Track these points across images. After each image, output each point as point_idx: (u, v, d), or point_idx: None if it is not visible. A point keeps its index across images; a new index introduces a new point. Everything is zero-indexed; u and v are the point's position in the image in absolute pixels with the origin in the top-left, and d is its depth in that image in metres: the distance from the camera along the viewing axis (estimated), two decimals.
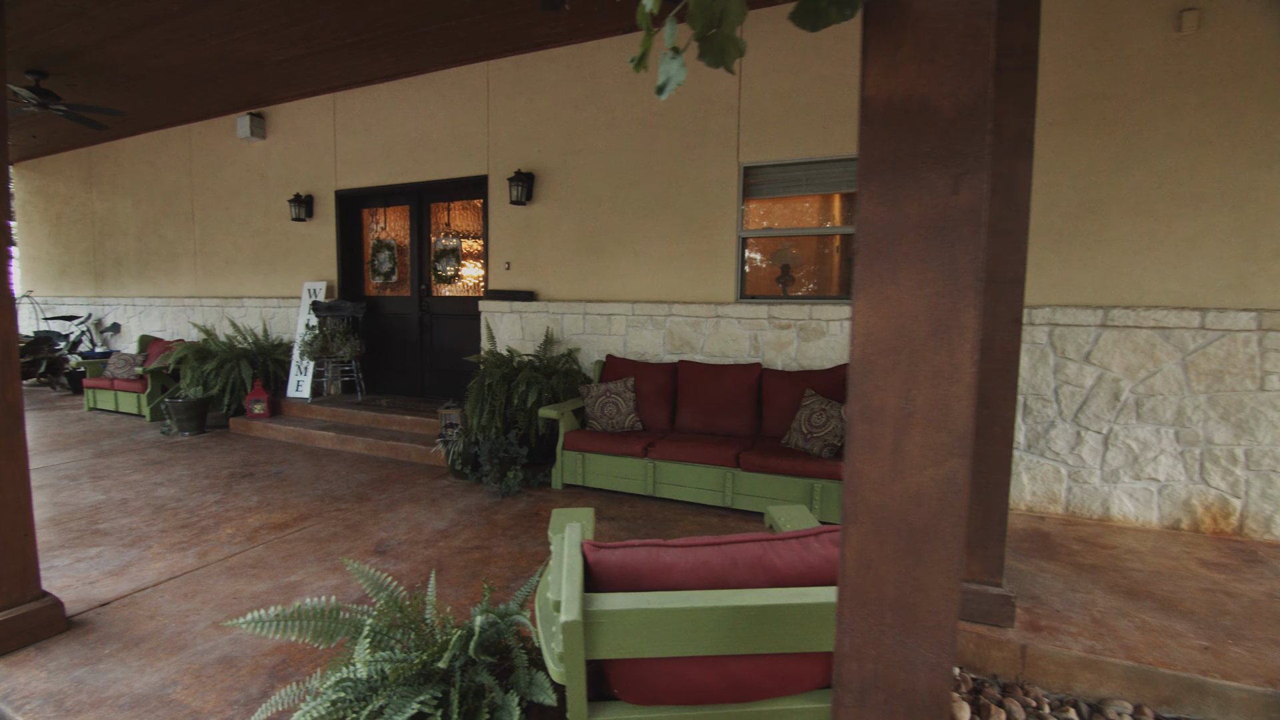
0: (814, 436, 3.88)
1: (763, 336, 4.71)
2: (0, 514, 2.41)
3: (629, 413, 4.60)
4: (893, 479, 0.88)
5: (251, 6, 4.65)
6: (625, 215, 5.23)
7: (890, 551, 0.89)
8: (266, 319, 7.60)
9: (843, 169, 4.54)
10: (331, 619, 1.63)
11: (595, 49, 5.27)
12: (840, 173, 4.56)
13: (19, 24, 4.81)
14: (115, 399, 7.44)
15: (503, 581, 3.02)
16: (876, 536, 0.89)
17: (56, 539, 3.56)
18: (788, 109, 4.61)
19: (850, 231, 4.68)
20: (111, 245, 9.35)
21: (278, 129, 7.28)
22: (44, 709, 2.09)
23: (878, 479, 0.88)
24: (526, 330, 5.72)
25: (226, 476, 4.85)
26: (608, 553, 1.28)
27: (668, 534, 3.65)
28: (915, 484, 0.87)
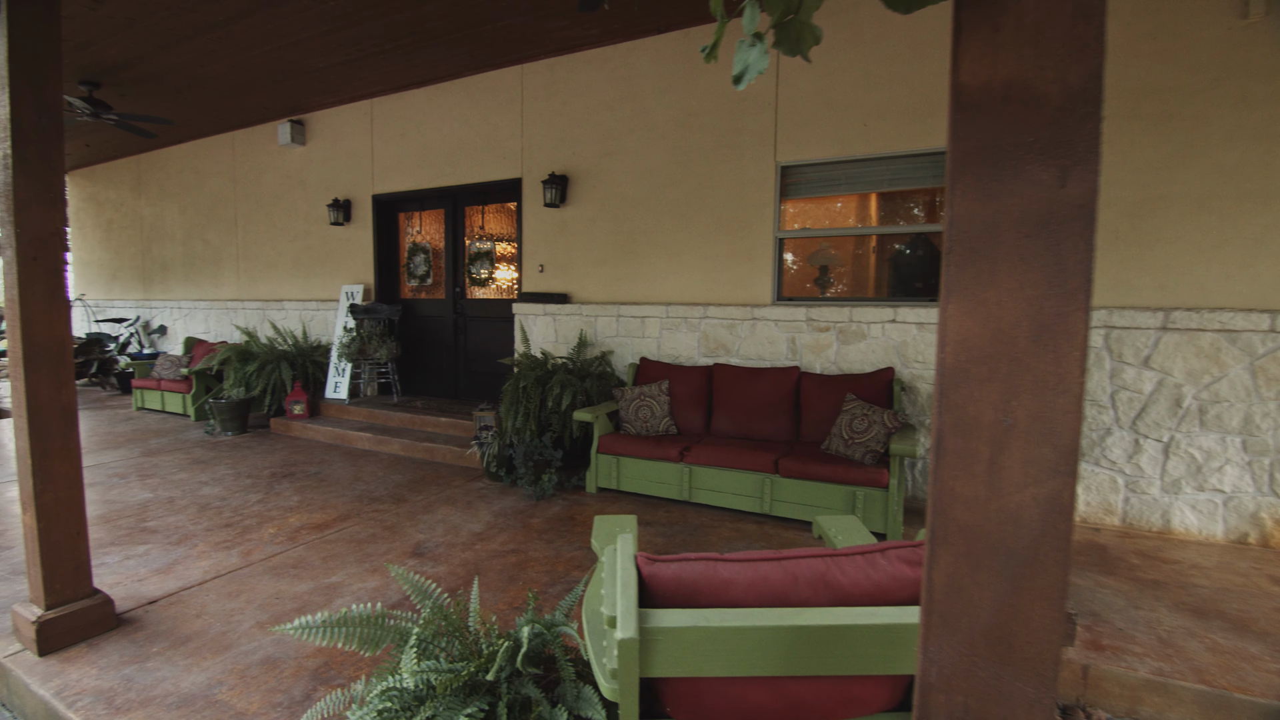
0: (855, 442, 3.78)
1: (801, 339, 4.61)
2: (55, 514, 2.46)
3: (663, 416, 4.55)
4: (989, 498, 0.81)
5: (292, 16, 4.73)
6: (660, 216, 5.19)
7: (985, 576, 0.82)
8: (306, 321, 7.75)
9: (883, 167, 4.42)
10: (377, 626, 1.61)
11: (630, 50, 5.23)
12: (880, 171, 4.44)
13: (74, 36, 4.98)
14: (162, 399, 7.67)
15: (540, 586, 3.00)
16: (969, 560, 0.82)
17: (107, 536, 3.65)
18: (826, 107, 4.51)
19: (891, 231, 4.56)
20: (159, 250, 9.65)
21: (317, 135, 7.42)
22: (95, 706, 2.12)
23: (971, 497, 0.82)
24: (560, 332, 5.71)
25: (268, 476, 4.93)
26: (662, 566, 1.23)
27: (705, 540, 3.58)
28: (1014, 504, 0.80)
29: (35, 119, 2.35)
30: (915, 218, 4.59)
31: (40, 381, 2.42)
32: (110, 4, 4.46)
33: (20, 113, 2.31)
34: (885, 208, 4.69)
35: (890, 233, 4.56)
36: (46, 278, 2.42)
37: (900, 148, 4.32)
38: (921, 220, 4.55)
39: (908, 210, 4.64)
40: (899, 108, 4.29)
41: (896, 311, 4.29)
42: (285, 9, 4.60)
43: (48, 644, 2.42)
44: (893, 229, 4.57)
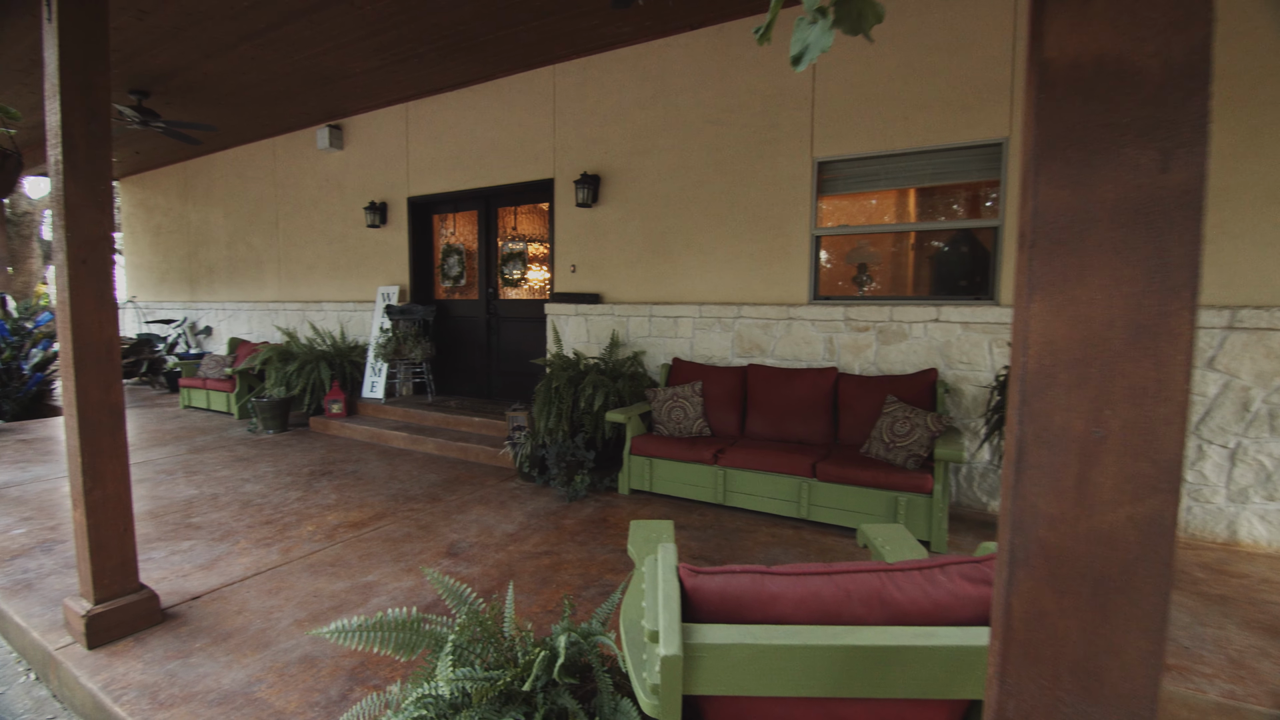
0: (897, 446, 3.65)
1: (838, 339, 4.49)
2: (103, 511, 2.52)
3: (697, 418, 4.48)
4: (1077, 516, 0.73)
5: (330, 22, 4.81)
6: (693, 215, 5.12)
7: (1071, 603, 0.74)
8: (344, 322, 7.90)
9: (924, 161, 4.28)
10: (413, 631, 1.59)
11: (664, 47, 5.18)
12: (922, 165, 4.29)
13: (123, 46, 5.15)
14: (207, 398, 7.90)
15: (574, 589, 2.96)
16: (1053, 584, 0.75)
17: (154, 531, 3.75)
18: (864, 100, 4.39)
19: (934, 228, 4.40)
20: (205, 253, 9.96)
21: (354, 140, 7.55)
22: (140, 701, 2.16)
23: (1057, 516, 0.74)
24: (592, 333, 5.69)
25: (307, 474, 5.02)
26: (706, 579, 1.17)
27: (740, 545, 3.51)
28: (1107, 524, 0.72)
29: (85, 125, 2.40)
30: (955, 213, 4.43)
31: (89, 382, 2.48)
32: (157, 14, 4.59)
33: (70, 120, 2.37)
34: (925, 203, 4.54)
35: (933, 229, 4.41)
36: (95, 280, 2.48)
37: (943, 141, 4.17)
38: (963, 215, 4.39)
39: (948, 206, 4.48)
40: (942, 99, 4.14)
41: (939, 310, 4.15)
42: (324, 15, 4.67)
43: (96, 637, 2.47)
44: (936, 225, 4.42)
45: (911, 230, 4.51)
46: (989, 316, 4.02)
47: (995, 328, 4.01)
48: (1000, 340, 4.00)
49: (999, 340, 4.01)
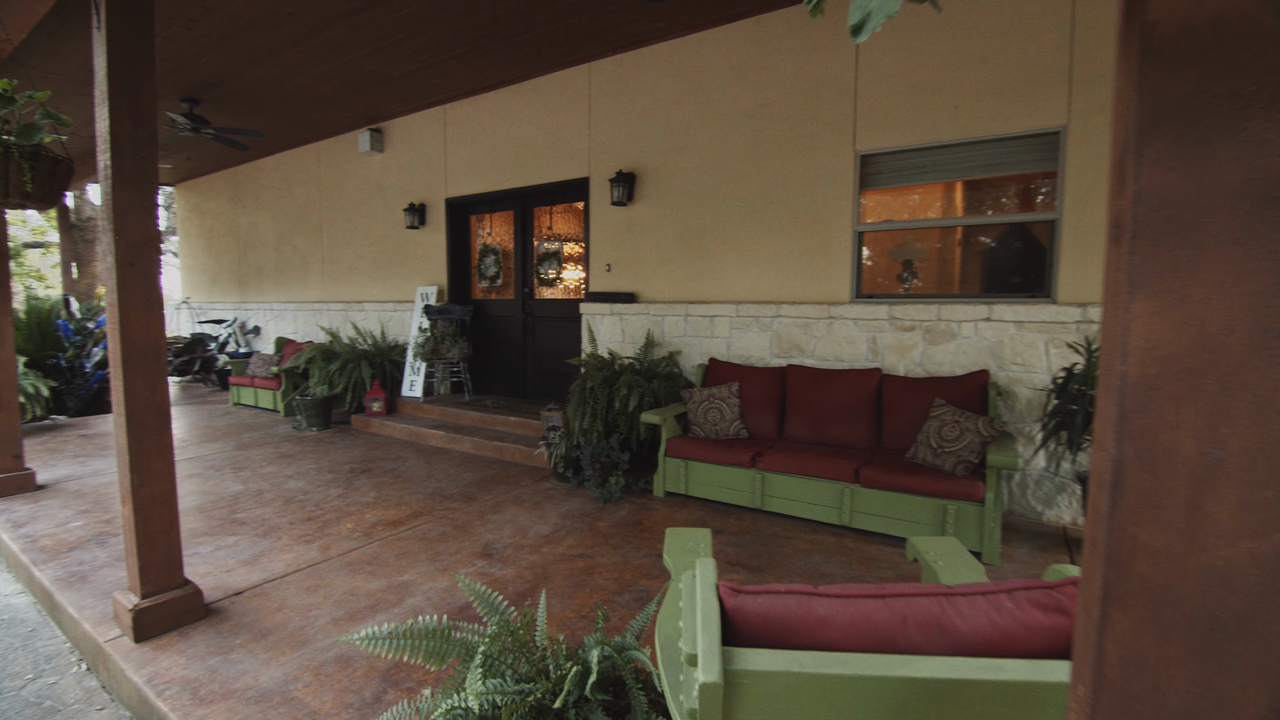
0: (945, 451, 3.48)
1: (882, 339, 4.32)
2: (149, 507, 2.58)
3: (734, 419, 4.38)
4: (1187, 551, 0.63)
5: (369, 26, 4.87)
6: (730, 212, 5.01)
7: (1178, 651, 0.64)
8: (384, 322, 8.04)
9: (975, 152, 4.08)
10: (443, 639, 1.55)
11: (699, 41, 5.08)
12: (972, 157, 4.09)
13: (175, 55, 5.33)
14: (255, 395, 8.15)
15: (607, 595, 2.91)
16: (1156, 628, 0.65)
17: (201, 526, 3.85)
18: (910, 89, 4.21)
19: (987, 222, 4.20)
20: (253, 255, 10.30)
21: (394, 142, 7.68)
22: (181, 697, 2.19)
23: (1162, 550, 0.64)
24: (627, 332, 5.64)
25: (348, 472, 5.11)
26: (749, 599, 1.09)
27: (779, 552, 3.40)
28: (1223, 560, 0.62)
29: (132, 130, 2.46)
30: (1006, 207, 4.21)
31: (136, 382, 2.54)
32: (205, 23, 4.73)
33: (119, 125, 2.42)
34: (973, 197, 4.33)
35: (985, 223, 4.20)
36: (142, 282, 2.54)
37: (995, 130, 3.97)
38: (1015, 209, 4.17)
39: (998, 199, 4.26)
40: (994, 87, 3.94)
41: (991, 309, 3.95)
42: (362, 19, 4.73)
43: (142, 631, 2.53)
44: (989, 219, 4.21)
45: (958, 225, 4.31)
46: (1045, 315, 3.81)
47: (1052, 327, 3.80)
48: (1057, 340, 3.79)
49: (1056, 340, 3.79)
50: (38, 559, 3.35)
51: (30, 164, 2.35)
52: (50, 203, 2.55)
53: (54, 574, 3.16)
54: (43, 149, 2.43)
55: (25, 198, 2.40)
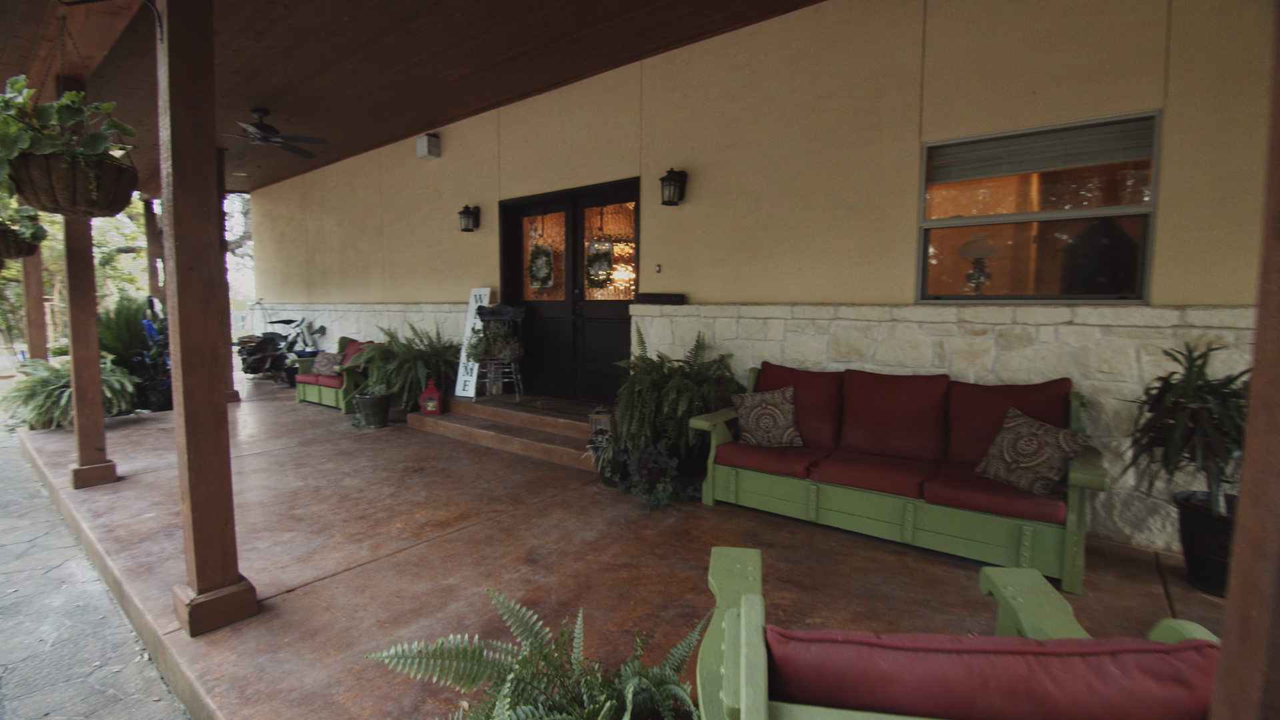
0: (1021, 467, 3.20)
1: (950, 344, 4.04)
2: (206, 505, 2.64)
3: (787, 427, 4.19)
4: None
5: (424, 32, 4.93)
6: (785, 210, 4.82)
7: None
8: (440, 323, 8.20)
9: (1055, 141, 3.76)
10: (474, 660, 1.48)
11: (754, 34, 4.91)
12: (1052, 146, 3.77)
13: (244, 67, 5.56)
14: (319, 393, 8.47)
15: (652, 609, 2.80)
16: None
17: (261, 521, 3.97)
18: (984, 75, 3.92)
19: (1072, 217, 3.85)
20: (320, 258, 10.73)
21: (450, 147, 7.81)
22: (229, 695, 2.22)
23: None
24: (677, 335, 5.51)
25: (401, 470, 5.19)
26: (800, 647, 0.96)
27: (834, 570, 3.20)
28: None
29: (191, 138, 2.52)
30: (1088, 200, 3.86)
31: (195, 383, 2.60)
32: (270, 35, 4.90)
33: (179, 134, 2.48)
34: (1050, 190, 3.99)
35: (1069, 218, 3.86)
36: (201, 287, 2.60)
37: (1079, 117, 3.65)
38: (1100, 202, 3.81)
39: (1077, 192, 3.91)
40: (1078, 69, 3.62)
41: (1074, 311, 3.62)
42: (417, 25, 4.80)
43: (198, 626, 2.60)
44: (1073, 214, 3.86)
45: (1038, 221, 3.98)
46: (1136, 319, 3.46)
47: (1144, 332, 3.45)
48: (1151, 347, 3.43)
49: (1149, 347, 3.44)
50: (111, 548, 3.52)
51: (96, 173, 2.45)
52: (114, 210, 2.65)
53: (124, 564, 3.31)
54: (108, 158, 2.52)
55: (91, 205, 2.50)
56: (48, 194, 2.33)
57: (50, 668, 2.64)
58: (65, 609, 3.14)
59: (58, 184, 2.31)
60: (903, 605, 2.82)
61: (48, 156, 2.28)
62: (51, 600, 3.23)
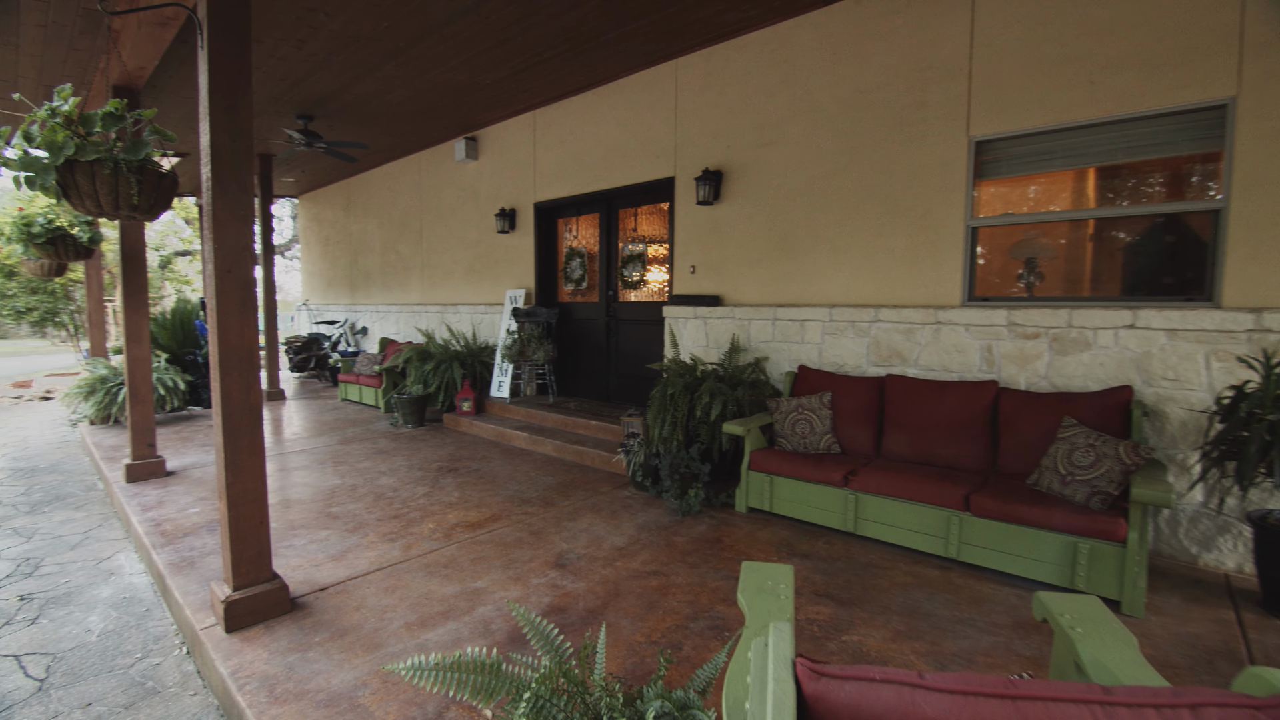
0: (1076, 479, 3.01)
1: (999, 348, 3.85)
2: (241, 503, 2.68)
3: (825, 433, 4.06)
4: None
5: (460, 35, 4.97)
6: (823, 209, 4.67)
7: None
8: (476, 324, 8.29)
9: (1116, 133, 3.53)
10: (493, 674, 1.44)
11: (792, 29, 4.79)
12: (1112, 138, 3.55)
13: (289, 74, 5.71)
14: (360, 392, 8.66)
15: (680, 619, 2.72)
16: None
17: (299, 518, 4.04)
18: (1037, 64, 3.72)
19: (1135, 213, 3.61)
20: (363, 260, 10.98)
21: (488, 150, 7.89)
22: (259, 693, 2.23)
23: None
24: (711, 337, 5.42)
25: (435, 470, 5.24)
26: (834, 685, 0.88)
27: (873, 584, 3.07)
28: None
29: (229, 143, 2.56)
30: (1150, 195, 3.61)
31: (232, 384, 2.65)
32: (312, 42, 5.01)
33: (218, 139, 2.53)
34: (1108, 185, 3.75)
35: (1132, 215, 3.62)
36: (238, 289, 2.64)
37: (1141, 107, 3.42)
38: (1164, 197, 3.56)
39: (1137, 186, 3.66)
40: (1140, 56, 3.40)
41: (1136, 314, 3.40)
42: (453, 29, 4.83)
43: (232, 622, 2.64)
44: (1136, 210, 3.62)
45: (1093, 218, 3.75)
46: (1206, 322, 3.22)
47: (1215, 336, 3.20)
48: (1222, 352, 3.19)
49: (1220, 352, 3.19)
50: (157, 542, 3.63)
51: (137, 178, 2.51)
52: (155, 214, 2.72)
53: (167, 558, 3.40)
54: (149, 163, 2.59)
55: (133, 209, 2.57)
56: (92, 199, 2.41)
57: (95, 658, 2.72)
58: (112, 600, 3.25)
59: (101, 189, 2.39)
60: (946, 624, 2.68)
61: (91, 162, 2.35)
62: (100, 591, 3.35)
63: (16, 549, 3.90)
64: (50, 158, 2.23)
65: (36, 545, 3.96)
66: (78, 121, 2.32)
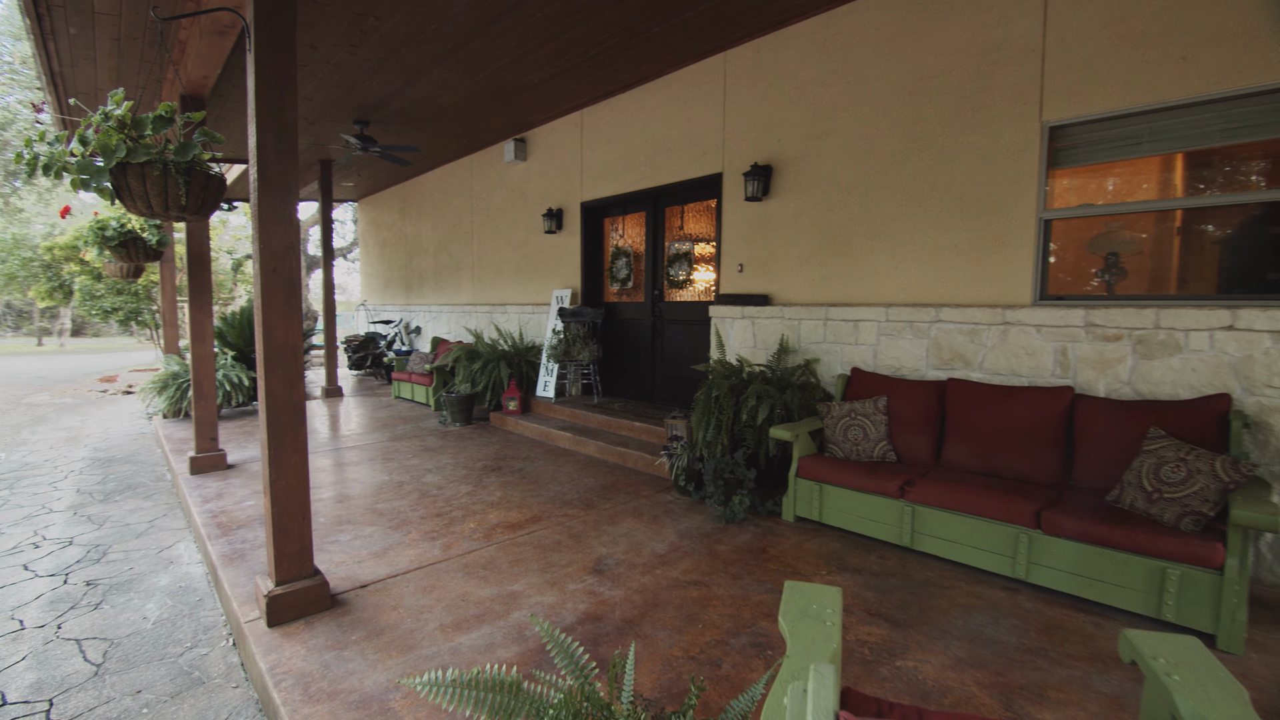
0: (1164, 497, 2.71)
1: (1075, 351, 3.54)
2: (285, 500, 2.71)
3: (879, 440, 3.84)
4: None
5: (506, 34, 4.97)
6: (879, 203, 4.43)
7: None
8: (523, 324, 8.34)
9: (1213, 114, 3.19)
10: (511, 695, 1.36)
11: (847, 14, 4.57)
12: (1208, 119, 3.21)
13: (344, 80, 5.86)
14: (412, 390, 8.85)
15: (721, 634, 2.59)
16: None
17: (346, 514, 4.11)
18: (1120, 40, 3.40)
19: (1235, 202, 3.25)
20: (417, 262, 11.26)
21: (536, 150, 7.92)
22: (293, 691, 2.23)
23: None
24: (759, 337, 5.24)
25: (479, 469, 5.26)
26: None
27: (932, 605, 2.85)
28: None
29: (275, 144, 2.59)
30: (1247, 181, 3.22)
31: (276, 382, 2.68)
32: (365, 47, 5.11)
33: (264, 139, 2.56)
34: (1201, 173, 3.38)
35: (1231, 204, 3.25)
36: (283, 288, 2.67)
37: (1242, 83, 3.07)
38: (1267, 185, 3.18)
39: (1234, 173, 3.28)
40: (1240, 26, 3.05)
41: (1236, 314, 3.05)
42: (499, 28, 4.84)
43: (274, 617, 2.67)
44: (1236, 198, 3.24)
45: (1186, 207, 3.39)
46: None
47: None
48: None
49: None
50: (213, 533, 3.75)
51: (185, 179, 2.58)
52: (204, 215, 2.79)
53: (221, 549, 3.50)
54: (196, 164, 2.65)
55: (182, 210, 2.64)
56: (143, 200, 2.48)
57: (149, 645, 2.80)
58: (169, 589, 3.37)
59: (151, 190, 2.46)
60: (1013, 653, 2.45)
61: (142, 164, 2.42)
62: (159, 579, 3.48)
63: (88, 535, 4.11)
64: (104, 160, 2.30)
65: (106, 533, 4.17)
66: (130, 125, 2.40)
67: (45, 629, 2.94)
